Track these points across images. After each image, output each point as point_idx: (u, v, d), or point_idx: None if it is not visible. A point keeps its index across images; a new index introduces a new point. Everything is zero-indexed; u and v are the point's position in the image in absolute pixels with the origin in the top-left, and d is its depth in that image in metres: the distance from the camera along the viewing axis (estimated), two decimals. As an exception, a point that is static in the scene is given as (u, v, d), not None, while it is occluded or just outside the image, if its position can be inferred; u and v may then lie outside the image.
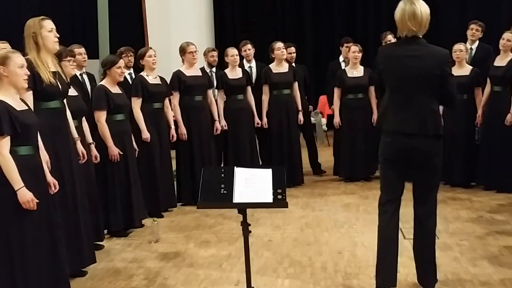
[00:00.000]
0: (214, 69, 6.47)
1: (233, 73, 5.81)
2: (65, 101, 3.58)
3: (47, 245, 3.06)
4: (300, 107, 6.09)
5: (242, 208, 2.84)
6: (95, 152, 4.14)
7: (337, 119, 6.14)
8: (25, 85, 3.04)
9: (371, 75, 5.86)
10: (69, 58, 3.92)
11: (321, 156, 6.78)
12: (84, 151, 3.82)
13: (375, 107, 5.86)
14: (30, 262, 2.94)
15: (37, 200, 2.91)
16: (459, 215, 4.75)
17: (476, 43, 6.00)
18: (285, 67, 6.01)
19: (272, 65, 6.01)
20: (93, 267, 3.78)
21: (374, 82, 3.29)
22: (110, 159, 4.35)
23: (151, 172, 4.94)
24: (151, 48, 5.22)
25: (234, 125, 5.76)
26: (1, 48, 3.72)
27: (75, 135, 3.76)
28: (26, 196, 2.86)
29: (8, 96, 2.95)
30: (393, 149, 2.99)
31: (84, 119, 4.07)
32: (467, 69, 5.56)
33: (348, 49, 6.29)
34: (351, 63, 6.11)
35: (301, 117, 6.08)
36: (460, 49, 5.55)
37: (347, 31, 9.34)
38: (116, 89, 4.50)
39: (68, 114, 3.64)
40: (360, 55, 6.04)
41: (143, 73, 5.08)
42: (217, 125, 5.64)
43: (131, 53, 5.69)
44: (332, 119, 6.28)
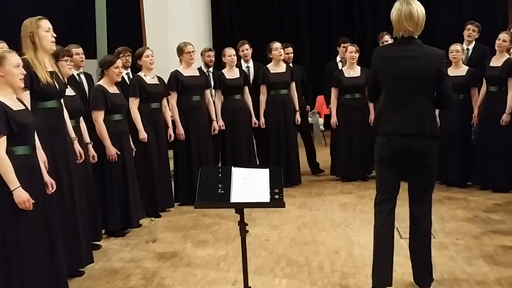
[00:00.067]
0: (211, 69, 6.48)
1: (231, 73, 5.82)
2: (62, 101, 3.59)
3: (44, 245, 3.06)
4: (297, 107, 6.11)
5: (240, 208, 2.85)
6: (92, 152, 4.15)
7: (334, 119, 6.16)
8: (21, 84, 3.05)
9: (367, 75, 5.87)
10: (66, 58, 3.92)
11: (318, 156, 6.80)
12: (82, 151, 3.83)
13: (372, 107, 5.89)
14: (27, 262, 2.94)
15: (33, 201, 2.91)
16: (455, 215, 4.77)
17: (473, 43, 6.02)
18: (282, 67, 6.03)
19: (270, 65, 6.03)
20: (90, 267, 3.78)
21: (367, 83, 3.29)
22: (107, 159, 4.36)
23: (148, 172, 4.95)
24: (148, 48, 5.22)
25: (232, 125, 5.77)
26: (-2, 48, 3.73)
27: (73, 135, 3.77)
28: (22, 196, 2.86)
29: (5, 96, 2.96)
30: (389, 149, 3.01)
31: (81, 119, 4.08)
32: (463, 70, 5.58)
33: (345, 49, 6.32)
34: (348, 63, 6.13)
35: (298, 117, 6.10)
36: (457, 49, 5.57)
37: (344, 31, 9.35)
38: (113, 89, 4.51)
39: (65, 114, 3.64)
40: (357, 55, 6.06)
41: (140, 73, 5.09)
42: (215, 125, 5.65)
43: (129, 53, 5.70)
44: (329, 119, 6.30)
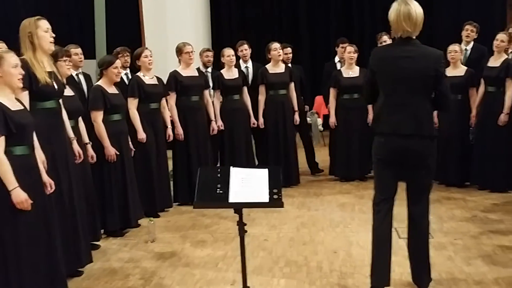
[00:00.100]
0: (209, 69, 6.49)
1: (229, 73, 5.82)
2: (60, 101, 3.59)
3: (43, 245, 3.06)
4: (296, 107, 6.12)
5: (238, 208, 2.85)
6: (91, 152, 4.15)
7: (332, 119, 6.17)
8: (19, 84, 3.05)
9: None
10: (65, 58, 3.92)
11: (317, 156, 6.80)
12: (80, 151, 3.83)
13: (370, 107, 5.89)
14: (25, 263, 2.94)
15: (31, 201, 2.91)
16: (453, 215, 4.78)
17: (471, 44, 6.03)
18: (281, 67, 6.03)
19: (269, 65, 6.03)
20: (89, 267, 3.79)
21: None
22: (106, 159, 4.36)
23: (147, 172, 4.95)
24: (147, 49, 5.23)
25: (230, 125, 5.78)
26: (-3, 48, 3.73)
27: (71, 134, 3.77)
28: (20, 197, 2.86)
29: (3, 96, 2.96)
30: (388, 150, 3.01)
31: (80, 119, 4.08)
32: (462, 70, 5.59)
33: (343, 49, 6.33)
34: (347, 63, 6.14)
35: (297, 117, 6.11)
36: (455, 49, 5.58)
37: (343, 31, 9.36)
38: (112, 89, 4.51)
39: (64, 114, 3.64)
40: (355, 55, 6.07)
41: (139, 73, 5.09)
42: (214, 125, 5.66)
43: (128, 53, 5.70)
44: (328, 119, 6.31)
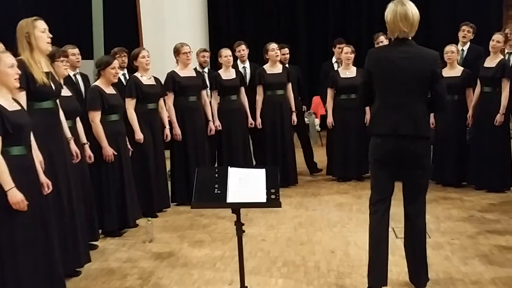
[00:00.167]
0: (206, 70, 6.49)
1: (227, 73, 5.83)
2: (57, 101, 3.59)
3: (40, 245, 3.06)
4: (293, 107, 6.13)
5: (236, 208, 2.86)
6: (89, 152, 4.15)
7: (330, 119, 6.18)
8: (16, 84, 3.04)
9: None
10: (62, 59, 3.92)
11: (315, 156, 6.81)
12: (78, 151, 3.82)
13: (368, 108, 5.90)
14: (22, 263, 2.93)
15: (27, 202, 2.90)
16: (450, 215, 4.80)
17: (468, 44, 6.05)
18: (279, 68, 6.04)
19: (266, 66, 6.04)
20: (87, 267, 3.78)
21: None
22: (104, 159, 4.36)
23: (145, 172, 4.95)
24: (144, 49, 5.23)
25: (228, 125, 5.78)
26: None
27: (68, 135, 3.77)
28: (16, 197, 2.85)
29: (0, 96, 2.95)
30: (384, 150, 3.02)
31: (78, 119, 4.08)
32: (458, 70, 5.61)
33: (340, 50, 6.33)
34: (344, 64, 6.15)
35: (294, 117, 6.12)
36: (452, 50, 5.60)
37: (340, 32, 9.38)
38: (110, 90, 4.51)
39: (61, 114, 3.65)
40: (352, 56, 6.09)
41: (137, 74, 5.09)
42: (211, 125, 5.66)
43: (125, 54, 5.70)
44: (325, 120, 6.32)
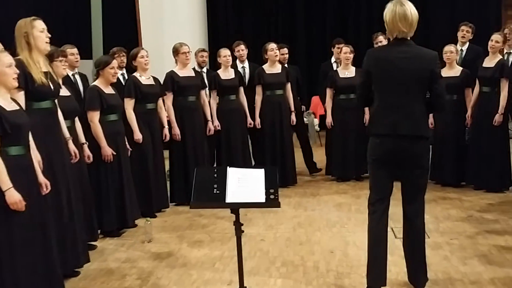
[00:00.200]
0: (204, 70, 6.49)
1: (226, 73, 5.83)
2: (56, 101, 3.58)
3: (38, 245, 3.05)
4: (292, 107, 6.13)
5: (235, 208, 2.85)
6: (88, 152, 4.14)
7: (329, 119, 6.19)
8: (15, 84, 3.03)
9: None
10: (60, 59, 3.92)
11: (314, 156, 6.81)
12: (76, 151, 3.82)
13: (367, 107, 5.91)
14: (20, 263, 2.92)
15: (25, 202, 2.89)
16: (449, 215, 4.80)
17: (467, 44, 6.05)
18: (278, 68, 6.04)
19: (265, 66, 6.04)
20: (86, 267, 3.78)
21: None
22: (103, 159, 4.36)
23: (144, 172, 4.95)
24: (143, 49, 5.22)
25: (227, 125, 5.78)
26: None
27: (67, 134, 3.76)
28: (14, 197, 2.84)
29: None
30: (383, 150, 3.02)
31: (77, 119, 4.07)
32: (457, 70, 5.61)
33: (339, 50, 6.34)
34: (343, 64, 6.15)
35: (293, 117, 6.12)
36: (451, 50, 5.60)
37: (339, 32, 9.39)
38: (109, 90, 4.51)
39: (60, 114, 3.64)
40: (351, 56, 6.09)
41: (136, 73, 5.08)
42: (210, 125, 5.66)
43: (124, 54, 5.70)
44: (324, 120, 6.32)
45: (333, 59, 6.74)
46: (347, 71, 6.11)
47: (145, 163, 4.96)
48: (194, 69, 6.00)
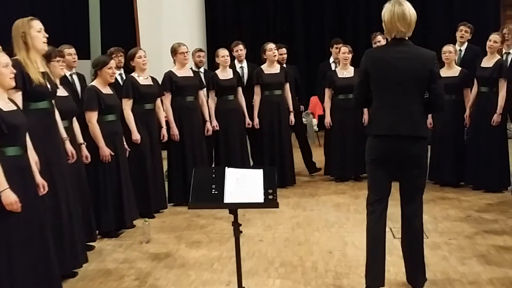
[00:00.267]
0: (202, 70, 6.48)
1: (224, 73, 5.82)
2: (53, 101, 3.57)
3: (35, 246, 3.04)
4: (291, 108, 6.12)
5: (233, 208, 2.85)
6: (86, 152, 4.13)
7: (328, 119, 6.18)
8: (12, 83, 3.02)
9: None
10: (58, 59, 3.91)
11: (313, 156, 6.80)
12: (74, 151, 3.81)
13: (365, 108, 5.89)
14: (17, 264, 2.91)
15: (24, 202, 2.88)
16: (448, 215, 4.80)
17: (465, 44, 6.06)
18: (276, 68, 6.04)
19: (264, 66, 6.04)
20: (84, 267, 3.77)
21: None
22: (101, 159, 4.35)
23: (142, 173, 4.94)
24: (141, 49, 5.21)
25: (225, 125, 5.77)
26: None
27: (64, 135, 3.75)
28: (10, 198, 2.83)
29: None
30: (382, 150, 3.01)
31: (74, 119, 4.06)
32: (456, 70, 5.61)
33: (338, 50, 6.33)
34: (341, 64, 6.15)
35: (292, 117, 6.11)
36: (450, 50, 5.60)
37: (338, 31, 9.39)
38: (107, 90, 4.50)
39: (57, 114, 3.63)
40: (350, 55, 6.08)
41: (134, 74, 5.08)
42: (208, 125, 5.65)
43: (121, 54, 5.69)
44: (323, 120, 6.32)
45: (331, 59, 6.73)
46: (346, 71, 6.10)
47: (143, 163, 4.95)
48: (192, 69, 5.99)
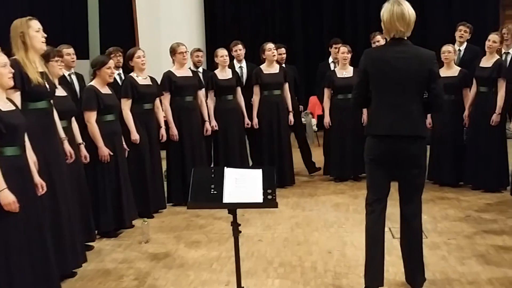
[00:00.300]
0: (200, 69, 6.47)
1: (223, 73, 5.82)
2: (52, 101, 3.57)
3: (34, 246, 3.03)
4: (290, 108, 6.12)
5: (232, 208, 2.84)
6: (84, 152, 4.13)
7: (327, 119, 6.18)
8: (10, 83, 3.02)
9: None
10: (56, 59, 3.91)
11: (312, 156, 6.80)
12: (72, 151, 3.80)
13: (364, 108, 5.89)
14: (15, 264, 2.91)
15: (23, 202, 2.87)
16: (447, 214, 4.80)
17: (464, 44, 6.06)
18: (275, 68, 6.03)
19: (263, 66, 6.03)
20: (83, 267, 3.77)
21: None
22: (100, 159, 4.35)
23: (141, 172, 4.94)
24: (139, 49, 5.21)
25: (224, 125, 5.77)
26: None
27: (62, 135, 3.74)
28: (8, 198, 2.82)
29: None
30: (381, 150, 3.01)
31: (73, 119, 4.06)
32: (455, 70, 5.61)
33: (337, 50, 6.33)
34: (340, 63, 6.14)
35: (291, 117, 6.11)
36: (449, 50, 5.60)
37: (337, 31, 9.39)
38: (106, 90, 4.49)
39: (55, 114, 3.63)
40: (349, 55, 6.08)
41: (133, 74, 5.07)
42: (207, 125, 5.64)
43: (120, 53, 5.69)
44: (322, 120, 6.32)
45: (330, 59, 6.73)
46: (345, 71, 6.10)
47: (142, 163, 4.95)
48: (190, 69, 5.98)
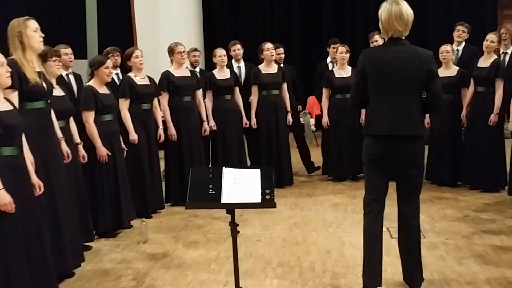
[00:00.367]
0: (197, 69, 6.47)
1: (221, 73, 5.81)
2: (49, 101, 3.56)
3: (32, 246, 3.03)
4: (289, 107, 6.11)
5: (231, 208, 2.84)
6: (83, 152, 4.12)
7: (325, 119, 6.18)
8: (7, 82, 3.01)
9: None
10: (54, 58, 3.90)
11: (311, 156, 6.80)
12: (69, 151, 3.79)
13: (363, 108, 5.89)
14: (13, 265, 2.90)
15: (21, 202, 2.87)
16: (445, 214, 4.80)
17: (463, 44, 6.07)
18: (274, 68, 6.03)
19: (261, 65, 6.03)
20: (81, 268, 3.76)
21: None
22: (98, 159, 4.34)
23: (139, 173, 4.93)
24: (137, 49, 5.20)
25: (222, 125, 5.76)
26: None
27: (60, 135, 3.74)
28: (4, 199, 2.81)
29: None
30: (380, 150, 3.01)
31: (71, 119, 4.05)
32: (453, 70, 5.62)
33: (335, 50, 6.33)
34: (339, 63, 6.15)
35: (290, 117, 6.11)
36: (447, 50, 5.60)
37: (335, 31, 9.39)
38: (104, 90, 4.49)
39: (53, 114, 3.62)
40: (347, 55, 6.08)
41: (131, 73, 5.06)
42: (206, 125, 5.64)
43: (118, 53, 5.68)
44: (321, 120, 6.32)
45: (329, 59, 6.73)
46: (343, 71, 6.10)
47: (141, 163, 4.94)
48: (188, 68, 5.98)
